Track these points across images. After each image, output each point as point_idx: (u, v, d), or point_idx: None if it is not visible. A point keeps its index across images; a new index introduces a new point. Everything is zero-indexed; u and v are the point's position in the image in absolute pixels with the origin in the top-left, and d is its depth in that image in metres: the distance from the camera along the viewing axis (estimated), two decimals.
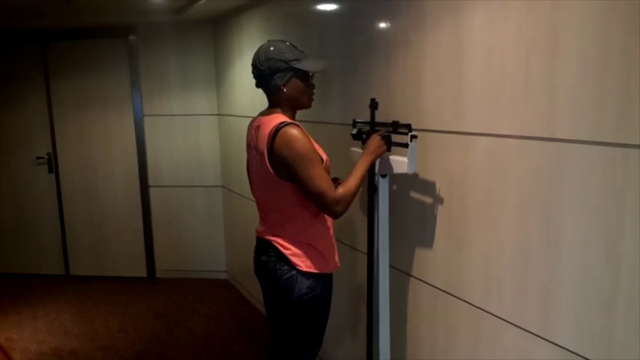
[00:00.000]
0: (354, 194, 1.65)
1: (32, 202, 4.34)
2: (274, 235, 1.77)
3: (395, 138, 1.73)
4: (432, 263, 1.77)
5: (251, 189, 1.97)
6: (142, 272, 4.28)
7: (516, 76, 1.37)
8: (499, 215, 1.47)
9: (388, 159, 1.75)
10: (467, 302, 1.62)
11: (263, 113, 1.79)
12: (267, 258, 1.78)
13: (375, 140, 1.74)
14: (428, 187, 1.75)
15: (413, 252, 1.86)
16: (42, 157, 4.24)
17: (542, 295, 1.34)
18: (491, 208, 1.50)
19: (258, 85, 1.78)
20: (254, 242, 1.89)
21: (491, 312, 1.52)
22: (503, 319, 1.48)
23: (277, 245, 1.75)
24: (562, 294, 1.29)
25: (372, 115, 1.82)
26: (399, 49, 1.84)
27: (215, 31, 3.89)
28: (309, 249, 1.74)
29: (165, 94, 4.04)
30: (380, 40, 1.95)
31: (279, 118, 1.69)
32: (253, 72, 1.75)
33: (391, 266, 1.91)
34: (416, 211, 1.83)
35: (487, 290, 1.53)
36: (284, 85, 1.71)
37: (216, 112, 4.02)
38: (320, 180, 1.60)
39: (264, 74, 1.71)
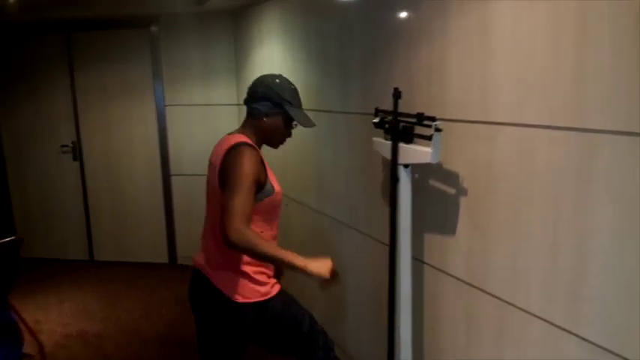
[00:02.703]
0: (253, 249, 1.49)
1: (57, 189, 4.44)
2: (212, 268, 1.74)
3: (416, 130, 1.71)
4: (455, 255, 1.76)
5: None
6: (164, 259, 4.37)
7: (545, 64, 1.34)
8: (526, 207, 1.45)
9: (411, 148, 1.74)
10: (491, 295, 1.61)
11: (231, 132, 1.80)
12: (205, 292, 1.74)
13: (327, 265, 1.58)
14: (451, 178, 1.74)
15: (435, 243, 1.86)
16: (67, 145, 4.33)
17: (571, 289, 1.33)
18: (518, 200, 1.48)
19: (245, 102, 1.80)
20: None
21: (517, 305, 1.51)
22: (530, 312, 1.46)
23: (215, 281, 1.71)
24: (592, 287, 1.27)
25: (395, 105, 1.81)
26: (421, 38, 1.81)
27: (236, 22, 3.89)
28: (247, 279, 1.70)
29: (187, 84, 4.07)
30: (402, 29, 1.93)
31: (241, 138, 1.69)
32: (248, 88, 1.79)
33: (413, 257, 1.90)
34: (439, 201, 1.82)
35: (514, 283, 1.52)
36: (266, 115, 1.73)
37: (235, 102, 4.04)
38: (241, 202, 1.49)
39: (256, 95, 1.75)
